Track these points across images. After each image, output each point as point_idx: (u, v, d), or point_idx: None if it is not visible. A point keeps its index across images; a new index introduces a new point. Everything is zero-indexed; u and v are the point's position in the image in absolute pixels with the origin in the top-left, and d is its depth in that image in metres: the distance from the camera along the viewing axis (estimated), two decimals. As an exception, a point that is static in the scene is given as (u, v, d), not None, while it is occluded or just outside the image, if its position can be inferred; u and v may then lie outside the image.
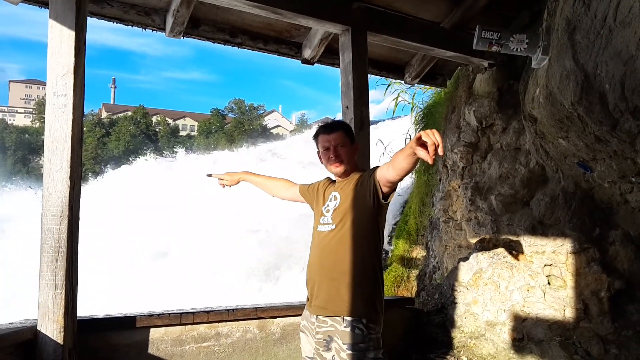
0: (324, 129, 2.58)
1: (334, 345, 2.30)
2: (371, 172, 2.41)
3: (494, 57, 4.33)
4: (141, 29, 3.71)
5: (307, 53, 4.24)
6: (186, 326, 3.09)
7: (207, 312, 3.17)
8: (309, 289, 2.53)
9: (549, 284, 3.79)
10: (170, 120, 76.56)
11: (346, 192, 2.47)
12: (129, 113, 71.71)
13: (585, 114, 3.03)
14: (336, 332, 2.31)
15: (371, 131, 3.81)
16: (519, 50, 3.39)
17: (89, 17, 2.95)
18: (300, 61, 4.30)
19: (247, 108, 72.73)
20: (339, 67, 3.87)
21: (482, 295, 4.01)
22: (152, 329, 2.99)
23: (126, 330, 2.94)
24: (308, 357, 2.51)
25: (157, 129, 72.49)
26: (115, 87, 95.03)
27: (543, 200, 4.03)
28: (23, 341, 2.49)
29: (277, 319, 3.39)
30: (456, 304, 4.14)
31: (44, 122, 2.72)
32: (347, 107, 3.69)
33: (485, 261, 4.11)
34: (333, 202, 2.51)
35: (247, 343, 3.25)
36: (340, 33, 3.78)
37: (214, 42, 3.93)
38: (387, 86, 6.25)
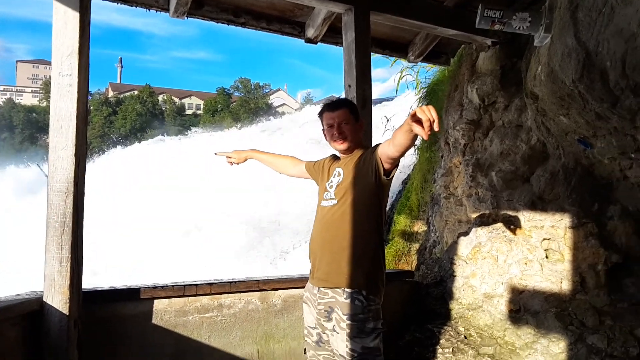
0: (328, 107, 2.63)
1: (334, 315, 2.39)
2: (373, 149, 2.47)
3: (497, 35, 4.35)
4: (145, 9, 3.74)
5: (310, 32, 4.26)
6: (189, 297, 3.18)
7: (210, 284, 3.26)
8: (311, 261, 2.62)
9: (546, 257, 3.87)
10: (177, 99, 76.49)
11: (349, 169, 2.53)
12: (135, 92, 71.74)
13: (586, 92, 3.07)
14: (337, 303, 2.40)
15: (377, 109, 3.85)
16: (521, 28, 3.42)
17: None
18: (304, 40, 4.33)
19: (253, 87, 72.50)
20: (342, 45, 3.90)
21: (481, 269, 4.10)
22: (156, 300, 3.07)
23: (131, 301, 3.02)
24: (310, 327, 2.60)
25: (163, 108, 72.53)
26: (122, 67, 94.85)
27: (543, 176, 4.09)
28: (29, 312, 2.56)
29: (279, 290, 3.48)
30: (455, 276, 4.23)
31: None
32: (349, 85, 3.73)
33: (484, 235, 4.19)
34: (336, 178, 2.57)
35: (249, 314, 3.35)
36: (343, 12, 3.79)
37: (217, 22, 3.95)
38: (392, 63, 6.27)
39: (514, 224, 4.12)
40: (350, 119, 2.60)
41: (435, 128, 1.85)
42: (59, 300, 2.63)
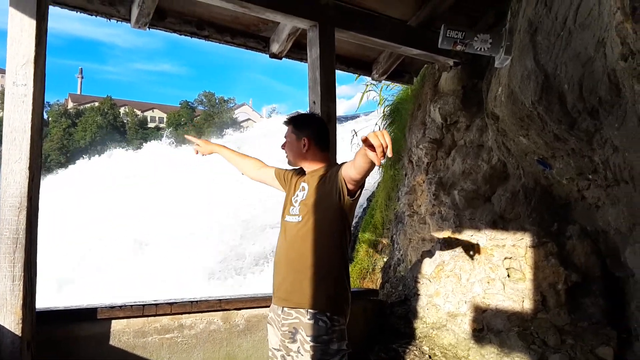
0: (284, 122, 2.65)
1: (298, 337, 2.34)
2: (338, 168, 2.42)
3: (459, 55, 4.42)
4: (105, 19, 3.65)
5: (275, 47, 4.24)
6: (149, 318, 3.08)
7: (171, 303, 3.18)
8: (274, 279, 2.56)
9: (508, 276, 3.91)
10: (139, 112, 75.03)
11: (313, 185, 2.48)
12: (96, 104, 70.00)
13: (544, 113, 3.13)
14: (300, 324, 2.34)
15: (346, 124, 3.84)
16: (482, 49, 3.48)
17: (51, 6, 2.91)
18: (268, 55, 4.30)
19: (217, 101, 71.87)
20: (307, 62, 3.88)
21: (444, 287, 4.10)
22: (113, 321, 2.98)
23: (87, 321, 2.92)
24: (274, 349, 2.53)
25: (125, 120, 71.00)
26: (82, 78, 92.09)
27: (504, 195, 4.14)
28: None
29: (242, 310, 3.41)
30: (419, 295, 4.23)
31: (6, 111, 2.67)
32: (314, 102, 3.72)
33: (447, 254, 4.21)
34: (301, 193, 2.52)
35: (210, 334, 3.27)
36: (308, 28, 3.79)
37: (180, 34, 3.89)
38: (356, 79, 6.31)
39: (476, 243, 4.15)
40: (291, 135, 2.59)
41: (388, 154, 1.79)
42: (11, 320, 2.51)
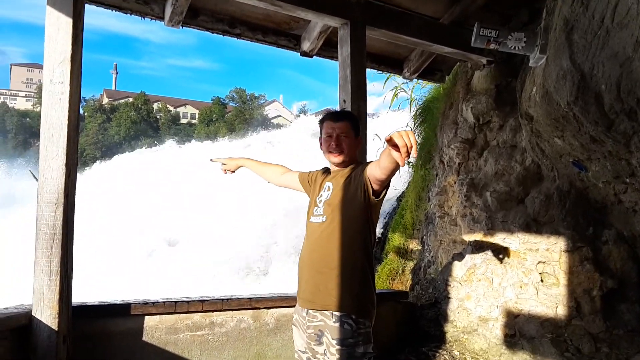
0: (331, 116, 2.56)
1: (324, 339, 2.32)
2: (363, 167, 2.39)
3: (492, 54, 4.33)
4: (140, 17, 3.70)
5: (305, 46, 4.23)
6: (181, 315, 3.11)
7: (202, 301, 3.20)
8: (298, 280, 2.55)
9: (541, 281, 3.81)
10: (172, 108, 76.36)
11: (339, 185, 2.45)
12: (130, 99, 71.54)
13: (580, 114, 3.03)
14: (326, 327, 2.32)
15: (370, 123, 3.81)
16: (516, 48, 3.39)
17: (87, 4, 2.93)
18: (299, 54, 4.29)
19: (248, 97, 72.54)
20: (337, 60, 3.86)
21: (475, 291, 4.04)
22: (146, 317, 3.01)
23: (121, 317, 2.96)
24: (300, 351, 2.52)
25: (158, 116, 72.38)
26: (117, 73, 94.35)
27: (538, 198, 4.04)
28: (18, 326, 2.51)
29: (271, 309, 3.42)
30: (449, 298, 4.17)
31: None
32: (344, 100, 3.69)
33: (479, 257, 4.13)
34: (326, 193, 2.50)
35: (241, 332, 3.28)
36: (339, 26, 3.76)
37: (212, 33, 3.91)
38: (386, 79, 6.24)
39: (508, 246, 4.06)
40: (350, 132, 2.52)
41: (413, 154, 1.76)
42: (48, 314, 2.57)
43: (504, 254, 4.04)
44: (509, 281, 3.91)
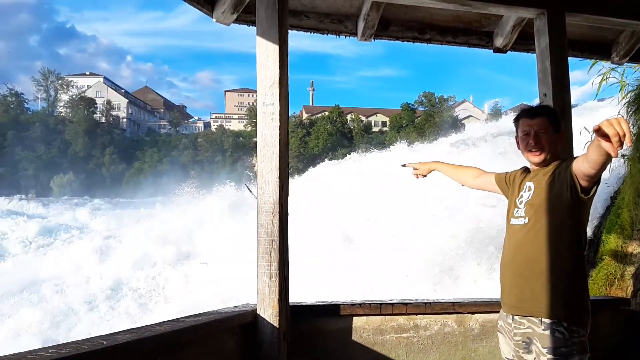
0: (527, 113, 2.43)
1: (533, 347, 2.21)
2: (568, 163, 2.22)
3: None
4: (335, 35, 3.94)
5: (499, 41, 4.07)
6: (386, 316, 3.19)
7: (405, 304, 3.25)
8: (501, 286, 2.46)
9: None
10: (363, 118, 79.36)
11: (541, 184, 2.32)
12: (326, 113, 76.28)
13: None
14: (535, 335, 2.21)
15: (573, 116, 3.52)
16: None
17: (289, 30, 3.13)
18: (492, 50, 4.15)
19: (437, 100, 71.79)
20: (534, 52, 3.63)
21: None
22: (354, 317, 3.15)
23: (332, 317, 3.13)
24: (508, 359, 2.43)
25: (352, 127, 75.83)
26: (314, 90, 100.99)
27: None
28: (245, 323, 2.79)
29: (475, 314, 3.33)
30: (686, 308, 3.60)
31: (255, 127, 3.02)
32: (544, 94, 3.46)
33: None
34: (527, 194, 2.38)
35: (445, 337, 3.26)
36: (534, 17, 3.54)
37: (402, 41, 4.00)
38: (591, 66, 5.64)
39: None
40: (549, 128, 2.35)
41: (627, 143, 1.61)
42: (270, 313, 2.82)
43: None
44: None
